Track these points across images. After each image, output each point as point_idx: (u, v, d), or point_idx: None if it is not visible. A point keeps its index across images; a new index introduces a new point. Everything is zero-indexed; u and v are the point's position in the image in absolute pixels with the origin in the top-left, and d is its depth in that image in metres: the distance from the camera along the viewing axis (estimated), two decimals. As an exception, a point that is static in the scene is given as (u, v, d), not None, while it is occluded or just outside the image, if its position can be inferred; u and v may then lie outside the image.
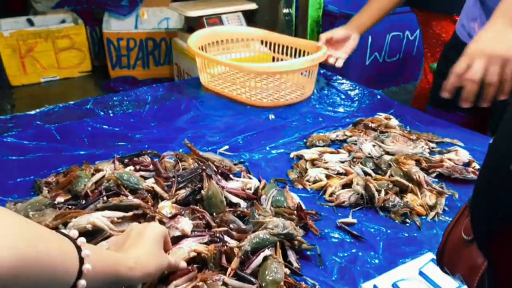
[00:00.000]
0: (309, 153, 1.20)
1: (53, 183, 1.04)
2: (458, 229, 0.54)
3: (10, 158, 1.21)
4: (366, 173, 1.12)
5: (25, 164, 1.19)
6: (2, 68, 3.58)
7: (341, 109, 1.53)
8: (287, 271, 0.82)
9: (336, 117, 1.47)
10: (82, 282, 0.55)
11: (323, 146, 1.26)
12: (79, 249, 0.56)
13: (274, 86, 1.61)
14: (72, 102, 1.56)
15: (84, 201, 0.93)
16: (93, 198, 0.92)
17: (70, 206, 0.92)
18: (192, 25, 2.79)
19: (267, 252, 0.81)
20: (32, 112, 1.48)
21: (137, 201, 0.89)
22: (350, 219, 1.00)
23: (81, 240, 0.58)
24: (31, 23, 3.73)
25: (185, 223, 0.87)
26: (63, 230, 0.69)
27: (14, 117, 1.48)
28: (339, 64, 1.57)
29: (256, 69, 1.52)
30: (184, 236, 0.85)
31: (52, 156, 1.23)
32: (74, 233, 0.60)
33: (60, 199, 0.94)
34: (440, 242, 0.57)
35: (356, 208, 1.04)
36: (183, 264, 0.77)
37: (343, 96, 1.62)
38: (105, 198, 0.91)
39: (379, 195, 1.02)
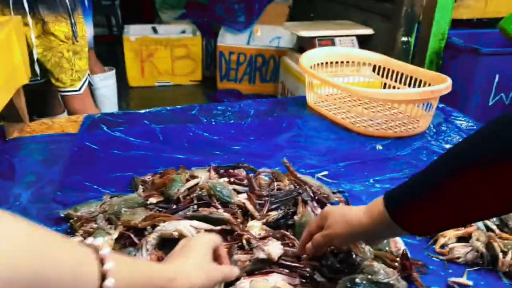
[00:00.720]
0: (419, 194, 1.06)
1: (148, 183, 1.03)
2: None
3: (114, 152, 1.25)
4: (488, 229, 0.94)
5: (126, 160, 1.22)
6: (125, 70, 3.89)
7: (460, 150, 1.35)
8: (383, 328, 0.70)
9: (455, 157, 1.30)
10: None
11: (437, 188, 1.11)
12: (101, 261, 0.48)
13: (384, 115, 1.48)
14: (179, 107, 1.59)
15: (174, 206, 0.90)
16: (184, 204, 0.89)
17: (160, 209, 0.90)
18: (304, 45, 2.76)
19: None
20: (142, 111, 1.54)
21: (227, 215, 0.84)
22: (464, 280, 0.84)
23: (105, 252, 0.49)
24: (155, 30, 4.03)
25: (274, 248, 0.80)
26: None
27: (125, 113, 1.55)
28: None
29: (368, 95, 1.42)
30: (268, 261, 0.78)
31: (152, 155, 1.24)
32: (98, 242, 0.51)
33: (153, 200, 0.93)
34: None
35: (473, 268, 0.88)
36: (236, 272, 0.71)
37: (464, 136, 1.43)
38: (195, 206, 0.87)
39: (504, 257, 0.85)
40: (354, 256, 0.81)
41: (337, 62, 1.72)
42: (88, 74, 2.15)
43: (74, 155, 1.25)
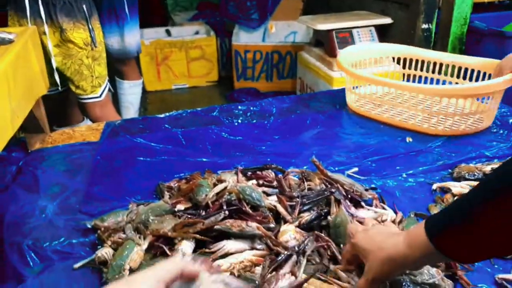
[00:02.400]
0: (457, 187, 1.01)
1: (174, 189, 1.01)
2: None
3: (137, 159, 1.23)
4: (536, 221, 0.89)
5: (150, 166, 1.20)
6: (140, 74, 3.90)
7: (495, 138, 1.29)
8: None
9: (490, 146, 1.24)
10: None
11: (475, 180, 1.05)
12: None
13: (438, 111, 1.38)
14: (199, 109, 1.57)
15: (204, 212, 0.87)
16: (214, 210, 0.86)
17: (189, 216, 0.87)
18: (321, 39, 2.71)
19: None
20: (162, 116, 1.52)
21: (259, 232, 0.80)
22: (512, 276, 0.79)
23: None
24: (168, 33, 4.02)
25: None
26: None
27: (145, 118, 1.54)
28: None
29: (431, 91, 1.31)
30: None
31: (176, 160, 1.22)
32: None
33: (181, 206, 0.90)
34: None
35: (522, 264, 0.83)
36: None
37: (498, 123, 1.37)
38: (226, 212, 0.84)
39: (556, 251, 0.80)
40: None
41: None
42: (108, 80, 2.14)
43: (97, 164, 1.23)
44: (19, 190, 1.11)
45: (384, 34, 2.71)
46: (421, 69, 1.56)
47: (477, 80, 1.42)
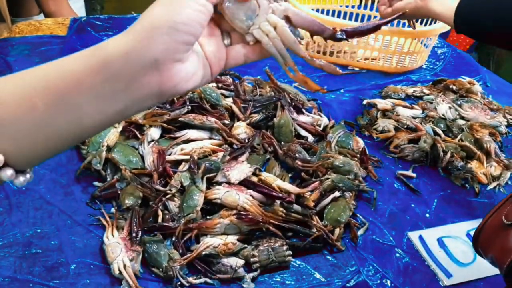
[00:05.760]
0: (382, 103, 1.21)
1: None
2: (500, 214, 0.58)
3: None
4: (436, 133, 1.12)
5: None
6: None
7: (423, 66, 1.49)
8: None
9: (418, 72, 1.44)
10: None
11: (398, 99, 1.26)
12: None
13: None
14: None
15: (169, 106, 1.02)
16: (178, 105, 1.01)
17: (157, 108, 1.02)
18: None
19: (337, 194, 0.87)
20: (128, 16, 1.58)
21: (216, 126, 0.97)
22: (409, 173, 1.03)
23: None
24: None
25: (237, 173, 0.84)
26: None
27: (111, 18, 1.59)
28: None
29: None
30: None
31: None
32: None
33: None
34: (479, 224, 0.60)
35: (418, 165, 1.06)
36: None
37: (430, 61, 1.56)
38: (189, 107, 0.99)
39: (444, 156, 1.04)
40: (323, 152, 0.97)
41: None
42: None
43: (66, 57, 1.31)
44: (-7, 75, 1.19)
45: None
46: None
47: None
